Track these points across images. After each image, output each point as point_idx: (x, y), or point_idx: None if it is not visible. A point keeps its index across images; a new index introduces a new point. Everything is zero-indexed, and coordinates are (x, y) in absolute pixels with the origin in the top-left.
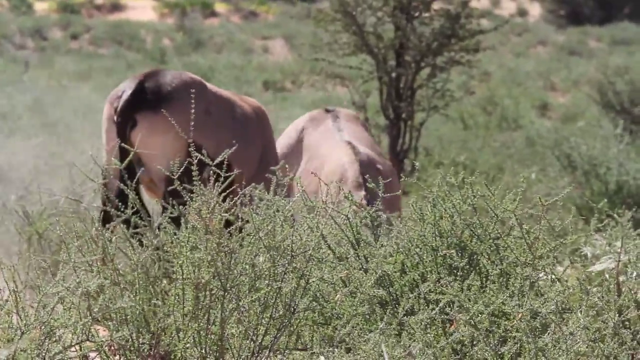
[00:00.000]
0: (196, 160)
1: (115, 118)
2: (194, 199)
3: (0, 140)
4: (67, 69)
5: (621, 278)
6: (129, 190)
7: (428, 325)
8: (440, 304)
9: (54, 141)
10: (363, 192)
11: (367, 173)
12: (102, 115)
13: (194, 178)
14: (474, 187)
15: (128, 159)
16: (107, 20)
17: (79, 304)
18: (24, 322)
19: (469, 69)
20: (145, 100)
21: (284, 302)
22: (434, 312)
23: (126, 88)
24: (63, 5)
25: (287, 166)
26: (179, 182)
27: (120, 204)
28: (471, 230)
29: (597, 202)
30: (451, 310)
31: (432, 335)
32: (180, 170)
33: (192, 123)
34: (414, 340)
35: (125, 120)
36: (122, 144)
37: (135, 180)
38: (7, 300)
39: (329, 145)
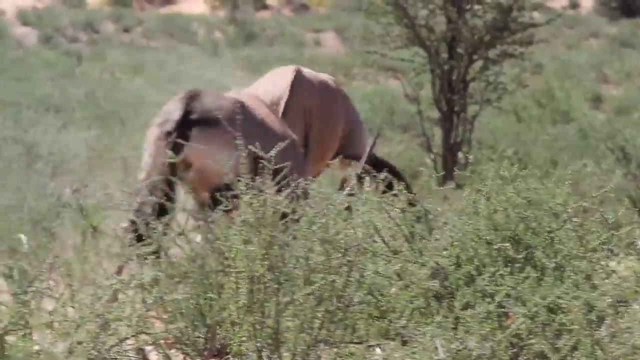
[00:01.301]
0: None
1: (165, 142)
2: (245, 192)
3: (53, 134)
4: (120, 62)
5: None
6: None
7: (484, 319)
8: (497, 297)
9: (107, 134)
10: None
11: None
12: (150, 129)
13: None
14: (527, 180)
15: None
16: (159, 13)
17: (133, 297)
18: (80, 315)
19: (521, 62)
20: (195, 122)
21: (338, 296)
22: (490, 305)
23: (173, 113)
24: None
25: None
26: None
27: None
28: (525, 223)
29: None
30: (507, 304)
31: (489, 328)
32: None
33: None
34: (471, 334)
35: (181, 143)
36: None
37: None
38: (62, 294)
39: None
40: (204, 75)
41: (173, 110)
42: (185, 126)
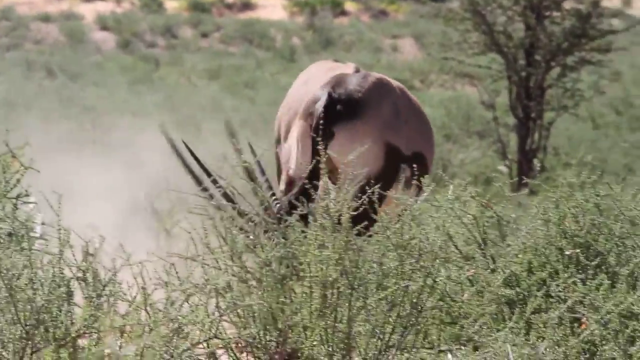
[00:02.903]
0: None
1: (311, 133)
2: (321, 197)
3: (130, 138)
4: (197, 67)
5: None
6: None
7: (557, 324)
8: (569, 303)
9: (184, 139)
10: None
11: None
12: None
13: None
14: (598, 186)
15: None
16: (237, 18)
17: (206, 301)
18: (153, 318)
19: (599, 69)
20: (339, 113)
21: (411, 301)
22: (562, 310)
23: (318, 102)
24: (194, 4)
25: None
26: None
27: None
28: (597, 229)
29: None
30: (580, 310)
31: (561, 334)
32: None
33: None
34: (543, 339)
35: (323, 134)
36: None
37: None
38: (135, 297)
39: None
40: (280, 80)
41: (317, 101)
42: (330, 119)
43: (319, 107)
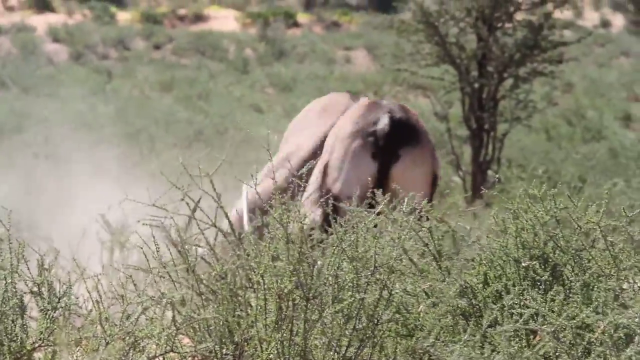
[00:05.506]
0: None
1: (372, 153)
2: (274, 209)
3: (83, 150)
4: (150, 79)
5: None
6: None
7: (512, 337)
8: (524, 316)
9: (137, 151)
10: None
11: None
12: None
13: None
14: (557, 198)
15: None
16: (189, 30)
17: (162, 315)
18: (109, 332)
19: (551, 80)
20: (406, 135)
21: (367, 314)
22: (517, 323)
23: (378, 123)
24: (146, 16)
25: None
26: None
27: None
28: (554, 242)
29: None
30: (535, 322)
31: (516, 347)
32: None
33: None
34: (498, 352)
35: (389, 155)
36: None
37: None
38: (90, 311)
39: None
40: (234, 92)
41: (377, 121)
42: (394, 141)
43: (384, 127)
